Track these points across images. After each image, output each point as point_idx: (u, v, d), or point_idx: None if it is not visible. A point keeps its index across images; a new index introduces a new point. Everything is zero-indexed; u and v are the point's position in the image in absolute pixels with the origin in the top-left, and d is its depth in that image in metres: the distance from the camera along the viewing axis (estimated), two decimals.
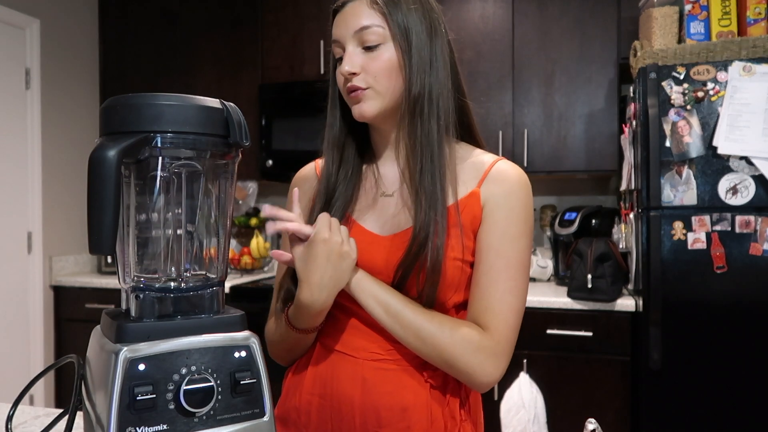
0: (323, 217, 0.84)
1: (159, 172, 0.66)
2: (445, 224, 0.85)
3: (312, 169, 1.04)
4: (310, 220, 0.91)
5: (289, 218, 0.84)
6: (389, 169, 0.95)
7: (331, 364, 0.92)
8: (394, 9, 0.87)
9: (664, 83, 2.00)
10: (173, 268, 0.69)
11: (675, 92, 1.99)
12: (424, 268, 0.84)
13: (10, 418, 0.83)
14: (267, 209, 0.84)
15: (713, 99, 1.96)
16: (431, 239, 0.84)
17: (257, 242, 3.00)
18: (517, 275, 0.87)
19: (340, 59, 0.89)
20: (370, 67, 0.87)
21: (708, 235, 1.96)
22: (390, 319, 0.85)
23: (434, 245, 0.84)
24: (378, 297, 0.85)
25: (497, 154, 0.97)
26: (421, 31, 0.88)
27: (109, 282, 2.88)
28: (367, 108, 0.88)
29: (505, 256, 0.87)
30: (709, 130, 1.96)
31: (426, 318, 0.85)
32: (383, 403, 0.88)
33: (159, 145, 0.64)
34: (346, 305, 0.90)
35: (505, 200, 0.88)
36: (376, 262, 0.89)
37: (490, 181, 0.89)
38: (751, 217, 1.93)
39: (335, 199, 0.93)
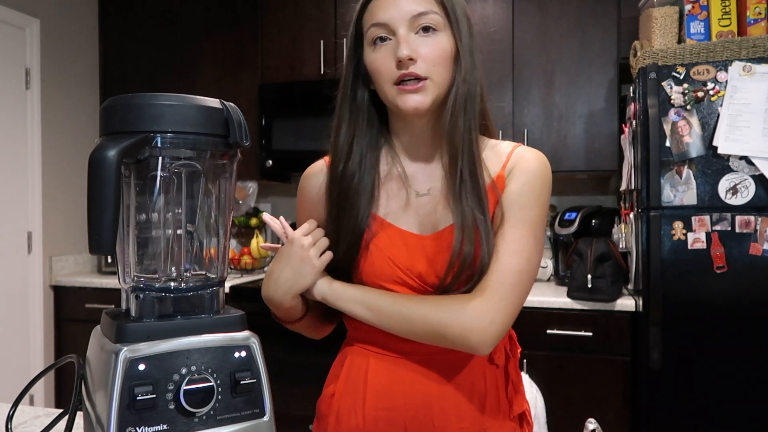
0: (308, 222, 0.89)
1: (159, 172, 0.66)
2: (489, 219, 0.85)
3: (322, 166, 0.97)
4: (329, 215, 0.92)
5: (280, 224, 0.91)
6: (419, 167, 0.92)
7: (389, 374, 0.89)
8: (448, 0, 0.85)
9: (664, 83, 2.00)
10: (173, 268, 0.69)
11: (675, 92, 1.99)
12: (478, 260, 0.83)
13: (10, 418, 0.83)
14: (267, 218, 0.90)
15: (713, 99, 1.96)
16: (482, 235, 0.83)
17: (257, 242, 3.00)
18: (522, 239, 0.84)
19: (379, 39, 0.84)
20: (427, 54, 0.82)
21: (708, 235, 1.96)
22: (374, 314, 0.84)
23: (484, 239, 0.82)
24: (356, 298, 0.86)
25: None
26: (466, 27, 0.87)
27: (109, 282, 2.88)
28: (423, 100, 0.83)
29: (512, 221, 0.85)
30: (709, 130, 1.96)
31: (407, 298, 0.84)
32: (463, 393, 0.86)
33: (159, 145, 0.64)
34: None
35: (521, 174, 0.87)
36: (418, 263, 0.87)
37: (512, 161, 0.89)
38: (751, 217, 1.93)
39: (353, 193, 0.88)
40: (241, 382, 0.65)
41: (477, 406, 0.86)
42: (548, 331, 2.29)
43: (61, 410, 0.83)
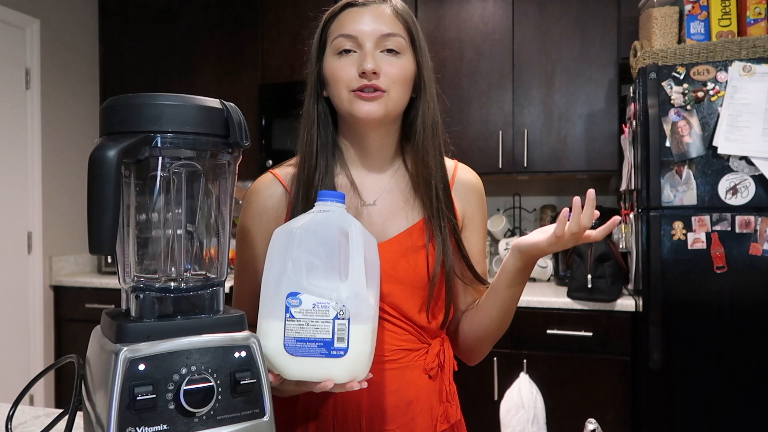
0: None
1: (159, 172, 0.65)
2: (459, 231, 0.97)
3: (273, 179, 0.97)
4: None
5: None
6: (366, 177, 0.96)
7: None
8: (413, 26, 0.91)
9: (664, 83, 2.00)
10: (173, 268, 0.69)
11: (675, 92, 1.99)
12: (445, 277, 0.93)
13: (10, 418, 0.83)
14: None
15: (713, 99, 1.96)
16: (459, 247, 0.94)
17: None
18: (485, 247, 1.06)
19: (345, 51, 0.88)
20: (389, 71, 0.87)
21: (708, 235, 1.96)
22: None
23: (450, 257, 0.93)
24: None
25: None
26: (428, 57, 0.93)
27: (109, 282, 2.88)
28: (376, 109, 0.87)
29: (485, 251, 1.04)
30: (709, 130, 1.96)
31: None
32: (390, 401, 0.89)
33: (159, 145, 0.64)
34: None
35: (479, 210, 1.02)
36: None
37: (461, 187, 1.00)
38: (751, 217, 1.93)
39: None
40: (241, 382, 0.65)
41: (405, 412, 0.90)
42: (548, 331, 2.29)
43: (61, 410, 0.83)
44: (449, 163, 1.00)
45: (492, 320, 0.95)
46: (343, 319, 0.69)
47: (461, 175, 1.01)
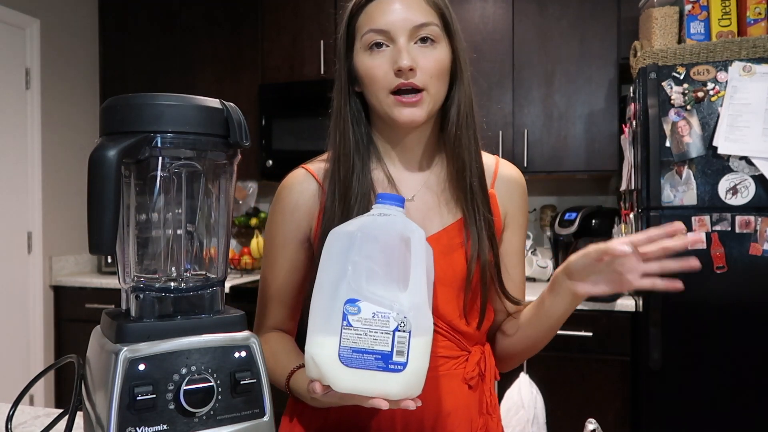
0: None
1: (159, 172, 0.66)
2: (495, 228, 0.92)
3: (306, 174, 0.93)
4: (330, 226, 0.80)
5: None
6: (404, 173, 0.91)
7: None
8: (446, 10, 0.86)
9: (664, 83, 2.00)
10: (173, 268, 0.69)
11: (675, 92, 1.99)
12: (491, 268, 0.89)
13: (10, 418, 0.83)
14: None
15: (713, 99, 1.96)
16: (492, 246, 0.88)
17: (257, 242, 3.00)
18: (523, 249, 1.01)
19: (375, 45, 0.82)
20: (426, 65, 0.81)
21: (708, 235, 1.96)
22: None
23: (495, 247, 0.89)
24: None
25: (498, 154, 1.00)
26: (462, 40, 0.88)
27: (109, 282, 2.88)
28: (420, 114, 0.82)
29: (524, 253, 1.00)
30: (709, 130, 1.96)
31: None
32: (426, 412, 0.85)
33: (159, 145, 0.64)
34: None
35: (521, 208, 0.97)
36: None
37: (503, 184, 0.94)
38: (751, 217, 1.93)
39: (353, 199, 0.85)
40: (241, 382, 0.65)
41: (443, 425, 0.86)
42: None
43: (61, 410, 0.83)
44: (490, 159, 0.95)
45: (535, 341, 0.94)
46: (404, 331, 0.65)
47: (503, 171, 0.95)
